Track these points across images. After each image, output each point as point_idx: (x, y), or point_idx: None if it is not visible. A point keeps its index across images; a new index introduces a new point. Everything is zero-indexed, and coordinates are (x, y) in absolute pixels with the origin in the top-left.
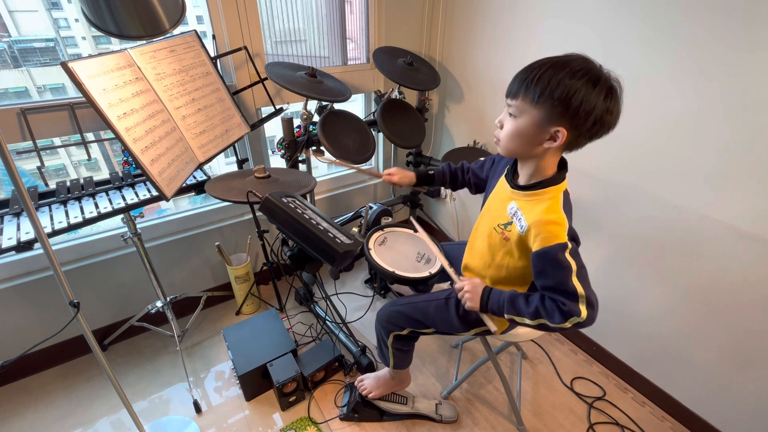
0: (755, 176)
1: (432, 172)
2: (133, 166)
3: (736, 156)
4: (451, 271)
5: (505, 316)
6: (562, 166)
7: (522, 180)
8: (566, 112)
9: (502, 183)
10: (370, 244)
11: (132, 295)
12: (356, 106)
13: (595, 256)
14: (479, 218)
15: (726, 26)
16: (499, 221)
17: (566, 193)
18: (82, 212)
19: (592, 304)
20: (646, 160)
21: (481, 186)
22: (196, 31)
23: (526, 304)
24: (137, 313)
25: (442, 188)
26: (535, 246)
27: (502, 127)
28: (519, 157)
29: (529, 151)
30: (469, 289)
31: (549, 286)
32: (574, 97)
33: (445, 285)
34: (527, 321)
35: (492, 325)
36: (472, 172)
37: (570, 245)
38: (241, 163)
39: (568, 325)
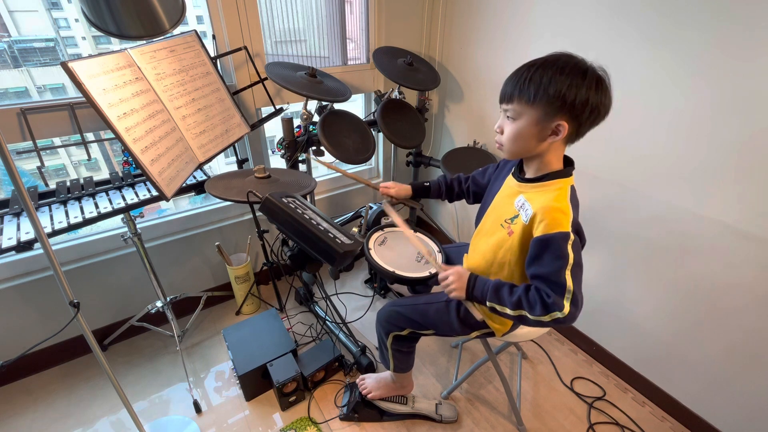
0: (754, 177)
1: (428, 184)
2: (133, 166)
3: (734, 157)
4: (431, 258)
5: (487, 303)
6: (569, 163)
7: (529, 174)
8: (564, 106)
9: (509, 181)
10: (370, 244)
11: (132, 295)
12: (356, 106)
13: (596, 257)
14: (484, 218)
15: (724, 29)
16: (506, 216)
17: (573, 188)
18: (82, 212)
19: (576, 303)
20: (645, 161)
21: (479, 194)
22: (196, 31)
23: (509, 293)
24: (137, 313)
25: None
26: (537, 231)
27: (502, 132)
28: (524, 157)
29: (534, 148)
30: (454, 278)
31: (540, 274)
32: (568, 92)
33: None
34: (507, 311)
35: (476, 313)
36: (472, 179)
37: (572, 237)
38: (241, 163)
39: (547, 319)
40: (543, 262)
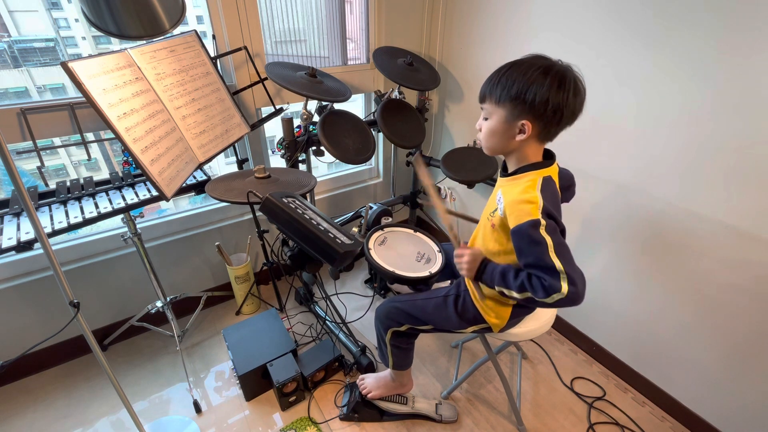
0: (755, 176)
1: None
2: (133, 166)
3: (735, 157)
4: (452, 235)
5: (495, 288)
6: (549, 157)
7: (510, 169)
8: (525, 106)
9: (498, 179)
10: (370, 244)
11: (132, 295)
12: (356, 106)
13: (596, 257)
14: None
15: (724, 28)
16: (490, 210)
17: (548, 179)
18: (82, 212)
19: (573, 281)
20: (646, 161)
21: None
22: (196, 31)
23: (514, 278)
24: (137, 313)
25: (442, 187)
26: (510, 224)
27: (481, 130)
28: (502, 153)
29: (506, 146)
30: (468, 259)
31: (530, 263)
32: (527, 92)
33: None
34: (515, 294)
35: (475, 292)
36: None
37: (544, 222)
38: (241, 163)
39: (550, 301)
40: (525, 251)
